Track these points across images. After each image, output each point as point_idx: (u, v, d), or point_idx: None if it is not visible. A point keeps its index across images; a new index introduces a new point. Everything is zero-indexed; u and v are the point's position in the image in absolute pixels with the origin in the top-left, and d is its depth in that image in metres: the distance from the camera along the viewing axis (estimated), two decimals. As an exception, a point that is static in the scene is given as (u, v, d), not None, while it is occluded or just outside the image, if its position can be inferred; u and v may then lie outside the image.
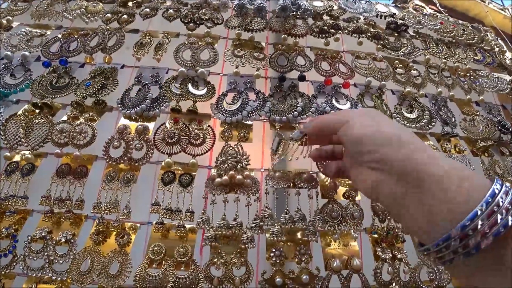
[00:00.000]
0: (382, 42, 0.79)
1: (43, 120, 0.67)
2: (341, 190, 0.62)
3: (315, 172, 0.61)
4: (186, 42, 0.72)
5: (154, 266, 0.56)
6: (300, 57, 0.72)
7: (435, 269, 0.63)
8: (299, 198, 0.57)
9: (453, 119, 0.79)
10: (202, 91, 0.66)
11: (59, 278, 0.56)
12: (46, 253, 0.58)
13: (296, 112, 0.61)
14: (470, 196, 0.27)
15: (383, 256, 0.60)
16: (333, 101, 0.66)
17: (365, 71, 0.73)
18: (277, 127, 0.62)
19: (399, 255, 0.61)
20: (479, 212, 0.26)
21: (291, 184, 0.58)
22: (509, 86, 0.89)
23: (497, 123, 0.82)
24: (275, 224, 0.55)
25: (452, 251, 0.27)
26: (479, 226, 0.25)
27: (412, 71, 0.80)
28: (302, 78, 0.68)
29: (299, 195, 0.57)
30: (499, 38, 1.03)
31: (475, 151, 0.79)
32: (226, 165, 0.57)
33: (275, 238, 0.54)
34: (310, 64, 0.70)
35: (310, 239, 0.54)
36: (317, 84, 0.70)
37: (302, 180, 0.57)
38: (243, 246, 0.54)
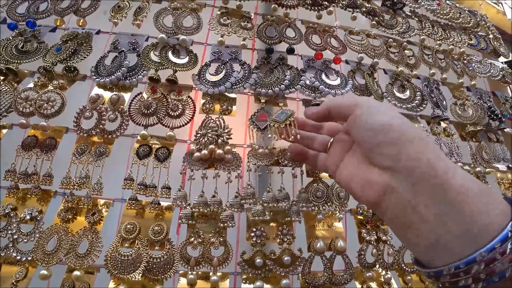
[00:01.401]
0: (377, 18, 0.75)
1: (7, 88, 0.61)
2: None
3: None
4: (168, 7, 0.66)
5: (126, 245, 0.53)
6: (290, 29, 0.67)
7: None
8: (283, 177, 0.53)
9: (444, 102, 0.77)
10: (184, 60, 0.61)
11: (24, 258, 0.52)
12: (10, 232, 0.53)
13: (283, 86, 0.57)
14: (493, 215, 0.24)
15: (368, 238, 0.58)
16: (323, 76, 0.63)
17: (358, 47, 0.70)
18: (262, 101, 0.58)
19: (383, 237, 0.59)
20: (509, 234, 0.22)
21: (275, 161, 0.54)
22: (501, 72, 0.88)
23: (487, 108, 0.81)
24: (257, 203, 0.52)
25: (472, 277, 0.23)
26: (508, 250, 0.22)
27: (406, 51, 0.77)
28: (291, 50, 0.64)
29: (283, 174, 0.54)
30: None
31: (463, 135, 0.77)
32: (206, 139, 0.53)
33: (257, 218, 0.51)
34: (300, 37, 0.66)
35: (293, 219, 0.52)
36: (306, 58, 0.66)
37: (286, 158, 0.54)
38: (221, 225, 0.51)
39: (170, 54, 0.61)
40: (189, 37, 0.64)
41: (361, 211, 0.60)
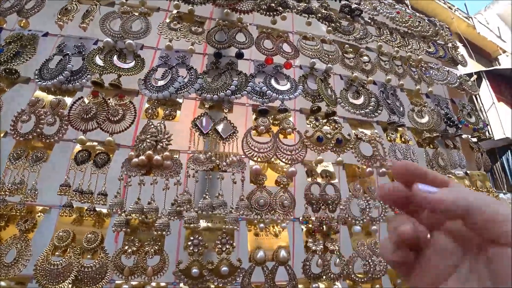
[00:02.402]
0: (333, 24, 0.76)
1: None
2: (274, 176, 0.59)
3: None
4: (117, 11, 0.65)
5: (57, 253, 0.50)
6: (241, 33, 0.67)
7: (369, 261, 0.61)
8: (221, 183, 0.52)
9: (401, 109, 0.77)
10: (129, 65, 0.60)
11: (-51, 268, 0.49)
12: None
13: (229, 91, 0.57)
14: None
15: (313, 248, 0.57)
16: (272, 81, 0.62)
17: (310, 52, 0.70)
18: (206, 106, 0.57)
19: (331, 247, 0.58)
20: None
21: (215, 167, 0.53)
22: (458, 80, 0.89)
23: (444, 115, 0.81)
24: (191, 210, 0.50)
25: None
26: None
27: (363, 57, 0.77)
28: (240, 55, 0.63)
29: (222, 179, 0.53)
30: (462, 44, 1.03)
31: (420, 142, 0.77)
32: (144, 145, 0.52)
33: (190, 225, 0.49)
34: (250, 41, 0.66)
35: (230, 226, 0.50)
36: (257, 63, 0.65)
37: (227, 163, 0.53)
38: (155, 233, 0.50)
39: (115, 58, 0.60)
40: (139, 41, 0.63)
41: (306, 220, 0.59)
